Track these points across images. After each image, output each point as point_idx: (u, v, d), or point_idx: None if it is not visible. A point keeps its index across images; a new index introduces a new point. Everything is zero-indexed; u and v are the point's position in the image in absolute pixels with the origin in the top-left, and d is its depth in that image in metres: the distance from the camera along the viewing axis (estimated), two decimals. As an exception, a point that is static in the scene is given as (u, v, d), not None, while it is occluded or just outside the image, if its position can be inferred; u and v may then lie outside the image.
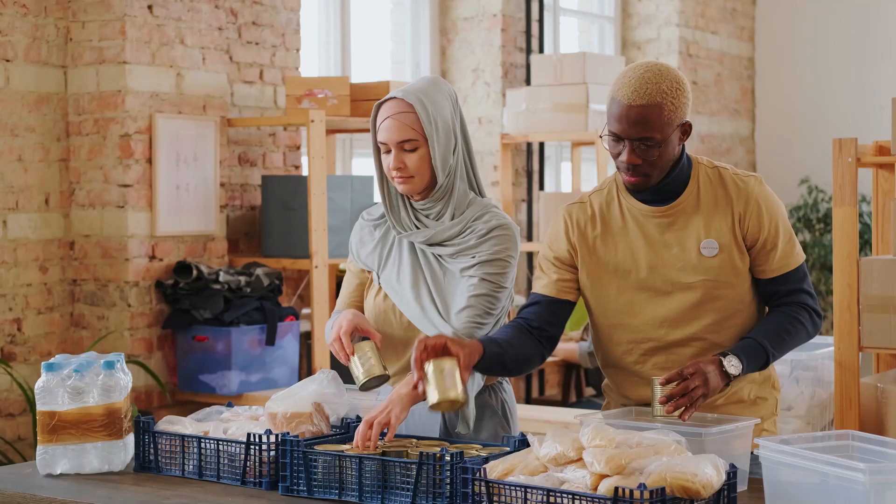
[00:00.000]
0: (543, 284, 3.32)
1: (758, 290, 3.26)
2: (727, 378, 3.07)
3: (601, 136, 3.20)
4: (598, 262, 3.27)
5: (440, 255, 3.40)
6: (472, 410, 3.32)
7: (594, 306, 3.30)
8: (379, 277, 3.47)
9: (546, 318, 3.29)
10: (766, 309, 3.30)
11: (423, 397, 3.07)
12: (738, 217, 3.20)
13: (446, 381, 2.99)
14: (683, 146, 3.22)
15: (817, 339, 4.74)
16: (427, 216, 3.42)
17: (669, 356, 3.23)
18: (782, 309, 3.23)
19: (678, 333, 3.22)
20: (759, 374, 3.29)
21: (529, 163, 8.47)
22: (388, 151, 3.36)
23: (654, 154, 3.12)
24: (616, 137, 3.14)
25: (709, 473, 2.54)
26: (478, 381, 3.34)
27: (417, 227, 3.42)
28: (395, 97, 3.36)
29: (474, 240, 3.36)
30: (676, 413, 2.99)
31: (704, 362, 3.05)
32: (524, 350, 3.23)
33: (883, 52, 9.88)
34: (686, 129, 3.18)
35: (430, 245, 3.40)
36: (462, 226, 3.38)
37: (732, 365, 3.07)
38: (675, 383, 3.01)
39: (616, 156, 3.16)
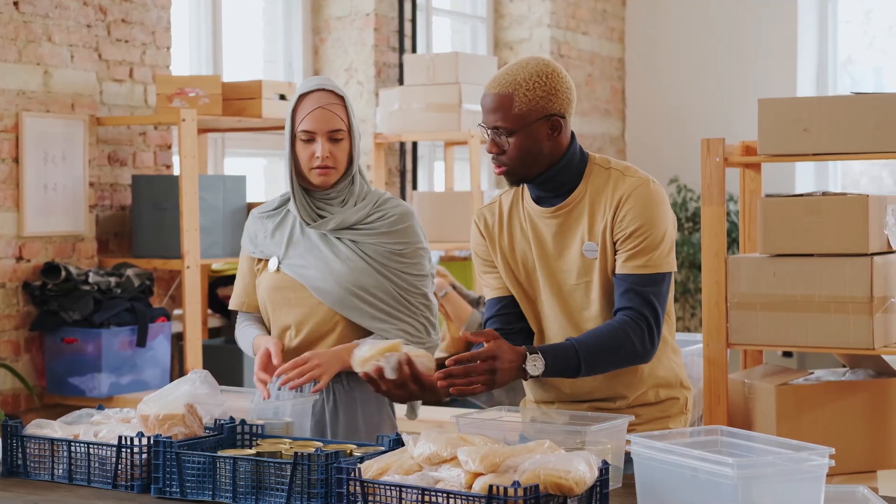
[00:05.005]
0: (494, 287, 3.35)
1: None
2: (523, 375, 3.05)
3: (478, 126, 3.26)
4: (503, 262, 3.31)
5: (352, 240, 3.53)
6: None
7: None
8: (280, 263, 3.56)
9: (517, 315, 3.33)
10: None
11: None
12: (613, 212, 3.16)
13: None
14: (576, 144, 3.21)
15: (686, 336, 4.83)
16: (329, 204, 3.55)
17: None
18: (618, 320, 3.14)
19: (570, 332, 3.23)
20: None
21: (403, 162, 8.47)
22: (311, 140, 3.47)
23: (506, 144, 3.14)
24: (483, 127, 3.19)
25: (581, 470, 2.56)
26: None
27: (322, 217, 3.54)
28: (322, 88, 3.49)
29: (386, 227, 3.53)
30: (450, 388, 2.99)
31: (506, 352, 3.01)
32: None
33: (750, 53, 10.06)
34: (554, 125, 3.15)
35: (341, 230, 3.53)
36: (368, 209, 3.54)
37: (534, 365, 3.04)
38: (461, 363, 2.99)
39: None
